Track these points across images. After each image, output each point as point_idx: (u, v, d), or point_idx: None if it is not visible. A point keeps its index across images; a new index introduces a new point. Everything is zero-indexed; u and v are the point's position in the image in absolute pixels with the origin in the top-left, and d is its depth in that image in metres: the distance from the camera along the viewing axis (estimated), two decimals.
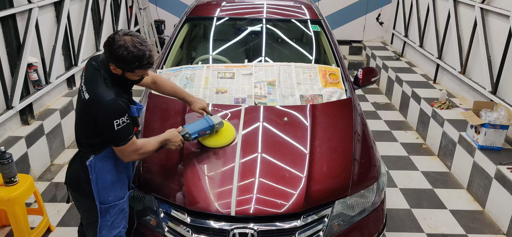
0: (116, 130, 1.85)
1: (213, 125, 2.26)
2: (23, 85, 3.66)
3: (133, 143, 1.94)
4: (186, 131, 2.19)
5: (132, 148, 1.95)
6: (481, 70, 4.24)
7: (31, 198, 3.37)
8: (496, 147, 3.49)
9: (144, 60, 1.83)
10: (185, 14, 3.74)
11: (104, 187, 2.03)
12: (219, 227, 2.04)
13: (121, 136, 1.89)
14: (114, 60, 1.83)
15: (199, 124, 2.26)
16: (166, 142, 2.11)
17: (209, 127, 2.26)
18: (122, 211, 2.11)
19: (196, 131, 2.22)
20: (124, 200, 2.11)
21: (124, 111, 1.87)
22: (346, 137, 2.50)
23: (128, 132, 1.90)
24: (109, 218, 2.07)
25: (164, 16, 7.49)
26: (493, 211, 3.35)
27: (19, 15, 3.62)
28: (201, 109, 2.40)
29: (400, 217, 3.36)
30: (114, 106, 1.84)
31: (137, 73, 1.90)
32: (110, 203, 2.05)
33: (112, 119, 1.83)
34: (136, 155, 1.99)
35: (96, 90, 1.86)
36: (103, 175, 2.02)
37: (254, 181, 2.15)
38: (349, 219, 2.20)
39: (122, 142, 1.90)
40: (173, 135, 2.12)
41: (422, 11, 5.91)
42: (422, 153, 4.42)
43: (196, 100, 2.42)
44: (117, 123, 1.84)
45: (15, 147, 3.43)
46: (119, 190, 2.08)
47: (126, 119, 1.88)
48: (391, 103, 5.82)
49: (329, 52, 3.42)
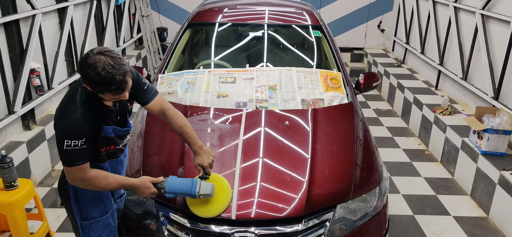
0: (64, 149, 1.71)
1: (195, 194, 1.94)
2: (25, 91, 3.67)
3: (80, 170, 1.76)
4: (163, 186, 1.93)
5: (78, 175, 1.78)
6: (482, 76, 4.23)
7: (31, 204, 3.36)
8: (499, 152, 3.47)
9: (113, 85, 1.64)
10: (187, 20, 3.76)
11: (85, 204, 1.93)
12: (220, 231, 2.02)
13: (68, 158, 1.73)
14: (85, 80, 1.68)
15: (182, 185, 1.95)
16: (133, 189, 1.92)
17: (190, 195, 1.95)
18: (108, 226, 2.02)
19: (173, 191, 1.94)
20: (109, 215, 2.01)
21: (80, 135, 1.70)
22: (347, 140, 2.49)
23: (77, 157, 1.73)
24: (93, 233, 1.97)
25: (166, 23, 7.54)
26: (497, 218, 3.32)
27: (22, 21, 3.65)
28: (199, 166, 2.04)
29: (403, 223, 3.33)
30: (70, 126, 1.70)
31: (107, 97, 1.72)
32: (92, 219, 1.95)
33: (63, 137, 1.70)
34: (82, 184, 1.81)
35: (64, 103, 1.77)
36: (83, 191, 1.91)
37: (255, 184, 2.14)
38: (351, 223, 2.18)
39: (66, 164, 1.75)
40: (143, 186, 1.90)
41: (423, 18, 5.93)
42: (425, 159, 4.40)
43: (200, 154, 2.04)
44: (67, 143, 1.70)
45: (16, 152, 3.43)
46: (103, 206, 1.98)
47: (80, 143, 1.71)
48: (393, 110, 5.80)
49: (330, 58, 3.42)
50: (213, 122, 2.60)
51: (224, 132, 2.49)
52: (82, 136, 1.72)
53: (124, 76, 1.67)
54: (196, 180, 1.98)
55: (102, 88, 1.66)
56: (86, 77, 1.66)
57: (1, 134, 3.48)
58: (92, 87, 1.68)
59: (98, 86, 1.66)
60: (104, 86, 1.65)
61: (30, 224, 3.05)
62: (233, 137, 2.44)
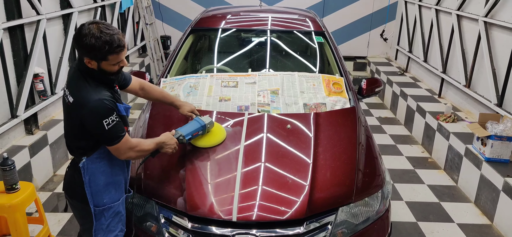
0: (107, 129, 1.81)
1: (204, 124, 2.30)
2: (28, 95, 3.69)
3: (127, 140, 1.91)
4: (180, 134, 2.20)
5: (127, 145, 1.92)
6: (486, 83, 4.22)
7: (32, 209, 3.36)
8: (503, 159, 3.44)
9: (114, 43, 1.76)
10: (190, 25, 3.78)
11: (98, 189, 1.98)
12: (221, 233, 2.00)
13: (113, 135, 1.85)
14: (85, 52, 1.77)
15: (191, 126, 2.29)
16: (162, 145, 2.09)
17: (201, 127, 2.30)
18: (118, 214, 2.06)
19: (189, 132, 2.24)
20: (120, 203, 2.06)
21: (112, 110, 1.83)
22: (349, 144, 2.48)
23: (119, 130, 1.86)
24: (104, 221, 2.02)
25: (170, 32, 7.59)
26: (501, 225, 3.27)
27: (27, 26, 3.68)
28: (190, 112, 2.43)
29: (407, 230, 3.29)
30: (100, 106, 1.79)
31: (111, 61, 1.81)
32: (104, 205, 2.00)
33: (101, 119, 1.79)
34: (133, 152, 1.96)
35: (80, 92, 1.82)
36: (96, 176, 1.96)
37: (257, 187, 2.12)
38: (353, 227, 2.16)
39: (116, 140, 1.87)
40: (168, 138, 2.12)
41: (425, 26, 5.94)
42: (428, 166, 4.36)
43: (184, 104, 2.45)
44: (106, 123, 1.80)
45: (18, 155, 3.43)
46: (114, 192, 2.04)
47: (115, 117, 1.84)
48: (396, 118, 5.78)
49: (333, 63, 3.43)
50: None
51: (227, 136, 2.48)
52: (112, 111, 1.84)
53: (119, 34, 1.81)
54: (197, 117, 2.36)
55: (105, 51, 1.76)
56: (87, 48, 1.75)
57: (4, 138, 3.49)
58: (96, 53, 1.76)
59: (101, 50, 1.75)
60: (107, 47, 1.75)
61: (30, 228, 3.04)
62: (235, 140, 2.43)
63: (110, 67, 1.85)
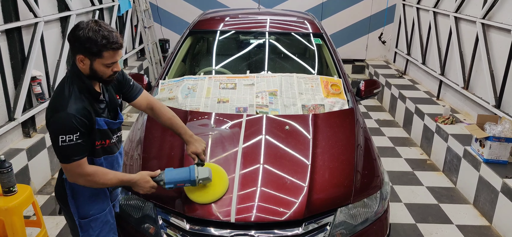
0: (59, 145, 1.69)
1: (194, 180, 1.96)
2: (26, 98, 3.68)
3: (78, 166, 1.74)
4: (162, 178, 1.94)
5: (76, 171, 1.75)
6: (484, 85, 4.23)
7: (30, 212, 3.34)
8: (501, 160, 3.43)
9: (111, 38, 1.69)
10: (188, 28, 3.79)
11: (83, 201, 1.91)
12: (219, 234, 1.99)
13: (64, 154, 1.71)
14: (81, 46, 1.69)
15: (180, 173, 1.97)
16: (132, 184, 1.91)
17: (189, 181, 1.97)
18: (107, 223, 1.99)
19: (173, 181, 1.95)
20: (107, 212, 1.99)
21: (74, 129, 1.69)
22: (348, 145, 2.47)
23: (73, 152, 1.71)
24: (92, 232, 1.95)
25: (168, 35, 7.60)
26: (500, 226, 3.27)
27: (24, 29, 3.68)
28: (194, 154, 2.10)
29: (405, 231, 3.28)
30: (63, 120, 1.68)
31: (105, 59, 1.72)
32: (91, 216, 1.93)
33: (57, 133, 1.68)
34: (82, 180, 1.78)
35: (55, 98, 1.74)
36: (80, 188, 1.88)
37: (255, 188, 2.12)
38: (352, 228, 2.15)
39: (65, 160, 1.72)
40: (142, 181, 1.90)
41: (423, 29, 5.96)
42: (427, 168, 4.36)
43: (192, 142, 2.10)
44: (62, 139, 1.68)
45: (16, 159, 3.41)
46: (101, 202, 1.96)
47: (75, 137, 1.69)
48: (394, 120, 5.79)
49: (331, 65, 3.43)
50: (213, 126, 2.59)
51: (224, 137, 2.48)
52: (77, 130, 1.71)
53: (118, 34, 1.75)
54: (193, 166, 2.01)
55: (102, 45, 1.69)
56: (82, 41, 1.68)
57: (1, 141, 3.47)
58: (90, 49, 1.69)
59: (97, 44, 1.68)
60: (104, 41, 1.68)
61: (28, 231, 3.02)
62: (233, 142, 2.43)
63: (103, 68, 1.75)
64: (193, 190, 2.05)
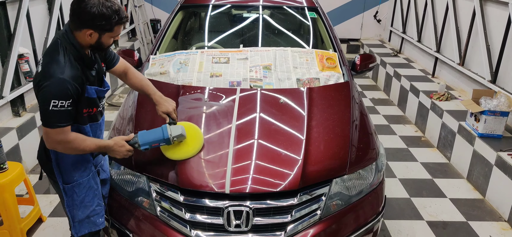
0: (49, 109, 1.68)
1: (168, 138, 1.99)
2: (14, 76, 3.59)
3: (61, 132, 1.74)
4: (136, 141, 1.96)
5: (58, 137, 1.75)
6: (480, 61, 4.20)
7: (23, 191, 3.29)
8: (496, 134, 3.44)
9: (121, 13, 1.77)
10: (179, 2, 3.70)
11: (66, 166, 1.93)
12: (214, 206, 1.96)
13: (52, 119, 1.71)
14: (92, 22, 1.71)
15: (153, 134, 2.00)
16: (108, 150, 1.93)
17: (164, 140, 2.00)
18: (90, 189, 2.00)
19: (147, 142, 1.97)
20: (90, 177, 2.00)
21: (68, 96, 1.70)
22: (343, 118, 2.44)
23: (61, 118, 1.72)
24: (77, 197, 1.97)
25: (159, 15, 7.46)
26: (493, 199, 3.29)
27: (9, 4, 3.57)
28: (165, 114, 2.14)
29: (400, 205, 3.29)
30: (59, 86, 1.68)
31: (115, 32, 1.79)
32: (74, 181, 1.95)
33: (50, 98, 1.68)
34: (60, 147, 1.79)
35: (49, 64, 1.72)
36: (63, 155, 1.89)
37: (250, 161, 2.09)
38: (347, 199, 2.14)
39: (50, 125, 1.72)
40: (117, 145, 1.93)
41: (420, 6, 5.90)
42: (421, 145, 4.36)
43: (162, 102, 2.15)
44: (54, 104, 1.68)
45: (6, 137, 3.35)
46: (83, 168, 1.97)
47: (67, 104, 1.71)
48: (389, 99, 5.77)
49: (326, 39, 3.38)
50: (206, 100, 2.54)
51: (218, 110, 2.44)
52: (70, 97, 1.72)
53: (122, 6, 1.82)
54: (165, 125, 2.04)
55: (115, 21, 1.75)
56: (96, 16, 1.70)
57: None
58: (104, 22, 1.72)
59: (111, 20, 1.73)
60: (116, 17, 1.74)
61: (21, 209, 2.99)
62: (227, 115, 2.38)
63: (109, 40, 1.82)
64: (169, 149, 2.08)
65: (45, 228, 2.99)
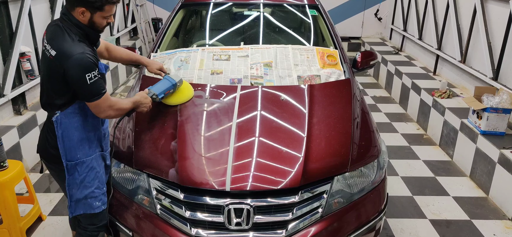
0: (89, 84, 1.82)
1: (175, 83, 2.34)
2: (15, 74, 3.59)
3: (107, 98, 1.93)
4: (153, 92, 2.24)
5: (107, 103, 1.93)
6: (481, 58, 4.18)
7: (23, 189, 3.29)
8: (499, 132, 3.41)
9: None
10: (180, 0, 3.68)
11: (71, 144, 1.98)
12: (214, 203, 1.95)
13: (94, 91, 1.86)
14: (82, 2, 1.82)
15: (163, 84, 2.32)
16: (138, 104, 2.13)
17: (172, 86, 2.33)
18: (92, 169, 2.04)
19: (162, 91, 2.28)
20: (93, 158, 2.05)
21: (94, 65, 1.84)
22: (344, 115, 2.43)
23: (100, 86, 1.88)
24: (78, 175, 2.01)
25: (161, 14, 7.45)
26: (497, 197, 3.27)
27: (12, 3, 3.56)
28: (158, 70, 2.46)
29: (402, 204, 3.27)
30: (84, 60, 1.80)
31: (106, 11, 1.88)
32: (78, 159, 2.00)
33: (84, 72, 1.80)
34: (112, 111, 1.98)
35: (62, 45, 1.81)
36: (70, 131, 1.97)
37: (251, 158, 2.07)
38: (349, 196, 2.12)
39: (96, 96, 1.87)
40: (143, 97, 2.16)
41: (420, 3, 5.87)
42: (423, 143, 4.34)
43: (151, 62, 2.48)
44: (89, 77, 1.81)
45: (7, 136, 3.35)
46: (88, 148, 2.03)
47: (97, 73, 1.85)
48: (390, 97, 5.75)
49: (327, 36, 3.36)
50: (207, 98, 2.53)
51: (218, 108, 2.43)
52: (95, 66, 1.85)
53: None
54: (166, 76, 2.37)
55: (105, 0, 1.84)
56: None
57: None
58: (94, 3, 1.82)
59: None
60: None
61: (21, 208, 2.98)
62: (228, 113, 2.37)
63: (101, 20, 1.90)
64: (169, 97, 2.36)
65: (45, 227, 2.99)
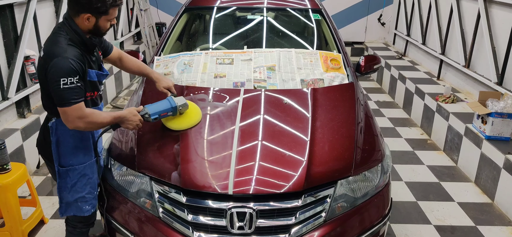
0: (61, 88, 1.80)
1: (175, 106, 2.14)
2: (19, 78, 3.60)
3: (78, 109, 1.86)
4: (146, 111, 2.08)
5: (76, 114, 1.86)
6: (486, 62, 4.16)
7: (26, 192, 3.29)
8: (504, 137, 3.39)
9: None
10: (184, 4, 3.70)
11: (66, 150, 2.02)
12: (217, 207, 1.94)
13: (65, 96, 1.81)
14: (90, 6, 1.84)
15: (161, 105, 2.13)
16: (122, 120, 2.02)
17: (171, 109, 2.14)
18: (84, 176, 2.08)
19: (156, 111, 2.09)
20: (86, 165, 2.08)
21: (74, 72, 1.82)
22: (348, 118, 2.42)
23: (74, 95, 1.83)
24: (69, 180, 2.06)
25: (165, 18, 7.48)
26: (502, 203, 3.23)
27: (17, 7, 3.58)
28: (165, 89, 2.34)
29: (406, 209, 3.24)
30: (63, 63, 1.80)
31: (110, 14, 1.92)
32: (70, 166, 2.03)
33: (59, 76, 1.79)
34: (82, 123, 1.89)
35: (50, 47, 1.86)
36: (65, 138, 2.00)
37: (253, 162, 2.06)
38: (353, 201, 2.10)
39: (65, 103, 1.83)
40: (130, 114, 2.03)
41: (424, 8, 5.86)
42: (427, 148, 4.32)
43: (161, 79, 2.37)
44: (63, 81, 1.79)
45: (11, 138, 3.35)
46: (82, 156, 2.06)
47: (76, 80, 1.82)
48: (394, 102, 5.73)
49: (331, 40, 3.36)
50: (210, 101, 2.53)
51: (221, 111, 2.42)
52: (76, 73, 1.83)
53: None
54: (170, 97, 2.19)
55: (110, 5, 1.88)
56: (92, 2, 1.84)
57: None
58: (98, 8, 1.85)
59: (106, 4, 1.86)
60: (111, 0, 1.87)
61: (23, 211, 2.98)
62: (231, 116, 2.37)
63: (106, 23, 1.95)
64: (172, 120, 2.20)
65: (47, 230, 2.98)
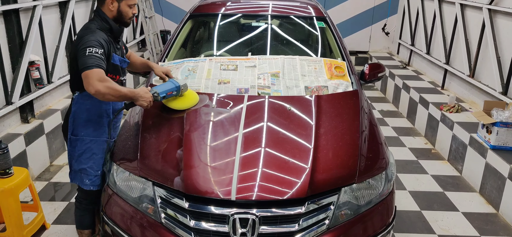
0: (86, 54, 2.05)
1: (179, 86, 2.39)
2: (24, 83, 3.62)
3: (100, 72, 2.06)
4: (155, 91, 2.30)
5: (98, 76, 2.04)
6: (490, 72, 4.14)
7: (28, 197, 3.28)
8: (509, 146, 3.35)
9: None
10: (188, 11, 3.72)
11: (79, 122, 2.29)
12: (219, 213, 1.92)
13: (89, 61, 2.04)
14: None
15: (166, 85, 2.38)
16: (137, 97, 2.20)
17: (176, 88, 2.39)
18: (89, 150, 2.30)
19: (164, 90, 2.33)
20: (93, 140, 2.30)
21: (100, 45, 2.11)
22: (352, 126, 2.40)
23: (97, 61, 2.06)
24: (77, 150, 2.30)
25: (169, 26, 7.53)
26: (508, 213, 3.19)
27: (22, 12, 3.61)
28: (164, 73, 2.56)
29: (410, 218, 3.21)
30: (92, 39, 2.11)
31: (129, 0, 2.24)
32: (79, 136, 2.29)
33: (86, 45, 2.07)
34: (102, 87, 2.04)
35: (83, 31, 2.18)
36: (82, 111, 2.27)
37: (257, 168, 2.05)
38: (356, 208, 2.08)
39: (88, 66, 2.03)
40: (144, 91, 2.23)
41: (428, 18, 5.87)
42: (432, 157, 4.28)
43: (158, 66, 2.62)
44: (89, 50, 2.06)
45: (14, 143, 3.36)
46: (92, 130, 2.30)
47: (101, 52, 2.10)
48: (398, 111, 5.71)
49: (335, 48, 3.35)
50: (214, 107, 2.53)
51: (225, 117, 2.41)
52: (101, 47, 2.12)
53: None
54: (171, 79, 2.47)
55: None
56: None
57: None
58: None
59: None
60: None
61: (25, 216, 2.96)
62: (234, 122, 2.36)
63: (127, 9, 2.25)
64: (173, 100, 2.42)
65: (48, 236, 2.97)
